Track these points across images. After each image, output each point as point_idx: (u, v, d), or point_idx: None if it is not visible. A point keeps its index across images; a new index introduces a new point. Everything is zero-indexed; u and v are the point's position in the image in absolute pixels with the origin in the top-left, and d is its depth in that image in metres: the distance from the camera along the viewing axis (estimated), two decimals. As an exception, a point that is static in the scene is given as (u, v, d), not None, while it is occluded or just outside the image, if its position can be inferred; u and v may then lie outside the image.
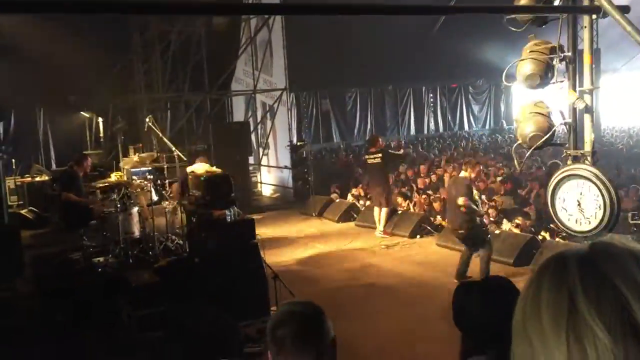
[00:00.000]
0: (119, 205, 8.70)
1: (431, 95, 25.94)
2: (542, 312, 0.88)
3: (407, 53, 19.63)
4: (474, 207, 7.85)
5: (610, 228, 4.03)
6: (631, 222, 4.44)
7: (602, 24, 5.85)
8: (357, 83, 22.65)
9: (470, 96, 26.94)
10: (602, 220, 4.00)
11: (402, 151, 15.73)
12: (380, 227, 11.57)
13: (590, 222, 4.05)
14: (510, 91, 27.09)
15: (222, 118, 16.63)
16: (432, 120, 26.07)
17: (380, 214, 11.60)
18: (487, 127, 27.25)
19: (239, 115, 17.72)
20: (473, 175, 7.96)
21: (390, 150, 12.37)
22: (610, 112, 23.64)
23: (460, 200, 7.76)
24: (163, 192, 9.40)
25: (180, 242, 8.81)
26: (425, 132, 25.73)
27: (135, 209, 8.74)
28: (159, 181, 9.56)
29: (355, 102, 23.78)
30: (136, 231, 8.70)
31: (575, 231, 4.18)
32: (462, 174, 8.14)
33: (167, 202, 8.98)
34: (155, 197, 9.15)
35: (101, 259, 8.42)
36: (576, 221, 4.12)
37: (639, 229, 4.10)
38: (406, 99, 25.30)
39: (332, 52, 17.72)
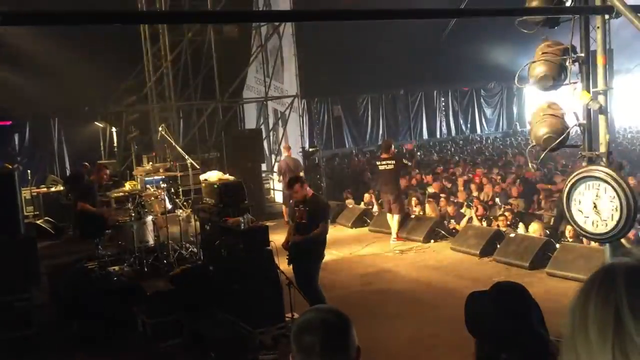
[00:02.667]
0: (133, 215, 8.75)
1: (443, 98, 25.89)
2: (590, 325, 0.90)
3: (418, 57, 19.64)
4: None
5: (628, 230, 3.98)
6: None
7: (615, 24, 5.81)
8: (368, 88, 22.69)
9: (482, 99, 26.87)
10: (619, 222, 3.95)
11: (412, 162, 15.64)
12: (393, 233, 11.53)
13: (607, 225, 4.00)
14: (523, 93, 26.96)
15: (234, 126, 16.69)
16: (444, 124, 26.01)
17: (392, 220, 11.56)
18: (499, 129, 27.14)
19: (250, 122, 17.78)
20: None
21: (403, 160, 12.28)
22: (624, 112, 23.42)
23: None
24: (177, 200, 9.44)
25: (195, 250, 8.84)
26: (438, 135, 25.68)
27: (150, 218, 8.78)
28: (172, 190, 9.61)
29: (366, 107, 23.81)
30: (150, 240, 8.74)
31: (592, 234, 4.12)
32: None
33: (180, 211, 9.02)
34: (169, 206, 9.18)
35: (116, 268, 8.47)
36: (593, 223, 4.07)
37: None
38: (418, 103, 25.28)
39: (342, 58, 17.80)
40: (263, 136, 16.32)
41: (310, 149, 15.52)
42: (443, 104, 25.98)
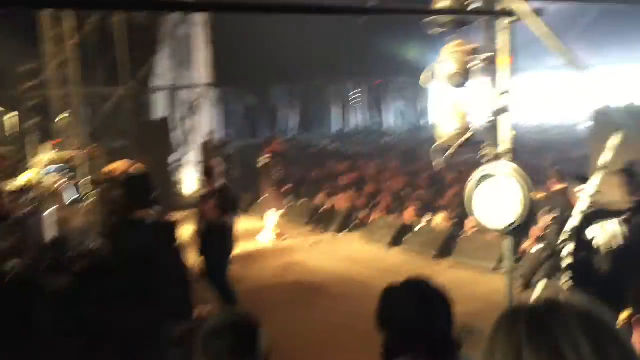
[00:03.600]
0: (32, 206, 8.26)
1: (354, 91, 26.28)
2: None
3: (331, 49, 19.74)
4: None
5: (527, 222, 4.20)
6: (551, 219, 4.65)
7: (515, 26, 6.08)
8: (281, 79, 22.61)
9: (392, 92, 27.51)
10: (521, 215, 4.15)
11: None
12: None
13: (508, 218, 4.20)
14: (423, 86, 27.85)
15: (143, 114, 16.12)
16: (355, 116, 26.42)
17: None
18: (409, 122, 27.93)
19: (160, 112, 17.24)
20: None
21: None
22: (522, 110, 24.75)
23: None
24: (82, 191, 9.00)
25: (100, 243, 8.46)
26: (350, 128, 26.06)
27: (51, 210, 8.32)
28: (76, 181, 9.15)
29: (280, 98, 23.74)
30: (52, 234, 8.29)
31: (495, 226, 4.32)
32: None
33: (86, 202, 8.61)
34: (72, 197, 8.74)
35: (12, 263, 7.95)
36: (497, 217, 4.26)
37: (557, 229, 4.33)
38: (330, 96, 25.51)
39: (256, 47, 17.58)
40: (173, 126, 15.89)
41: (223, 140, 15.30)
42: (355, 96, 26.38)
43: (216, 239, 6.85)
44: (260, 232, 11.32)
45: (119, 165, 8.21)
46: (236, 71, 18.68)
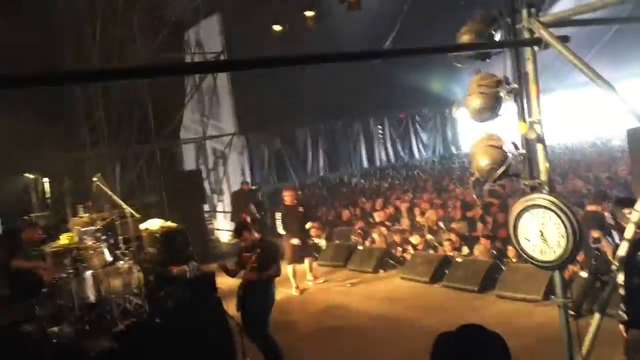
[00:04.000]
0: (71, 270, 8.30)
1: (379, 126, 26.27)
2: None
3: (352, 87, 19.86)
4: None
5: (575, 255, 4.04)
6: (592, 245, 4.48)
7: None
8: (306, 121, 22.75)
9: (417, 125, 27.41)
10: (566, 248, 4.00)
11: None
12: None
13: (555, 252, 4.05)
14: (455, 118, 27.73)
15: (173, 168, 16.36)
16: (382, 151, 26.35)
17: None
18: (436, 153, 27.71)
19: (190, 163, 17.48)
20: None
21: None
22: (551, 129, 24.42)
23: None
24: (117, 251, 9.05)
25: (140, 302, 8.44)
26: (378, 163, 25.96)
27: (89, 272, 8.35)
28: (112, 240, 9.20)
29: (306, 140, 23.84)
30: (91, 296, 8.28)
31: (541, 261, 4.16)
32: None
33: (122, 262, 8.63)
34: (109, 258, 8.77)
35: (55, 328, 7.97)
36: (541, 252, 4.11)
37: (601, 254, 4.14)
38: (356, 133, 25.53)
39: (278, 92, 17.77)
40: (203, 176, 16.07)
41: (253, 187, 15.36)
42: (380, 131, 26.36)
43: (257, 292, 6.80)
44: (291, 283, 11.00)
45: (154, 223, 8.25)
46: (261, 117, 18.87)
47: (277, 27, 15.45)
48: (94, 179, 9.50)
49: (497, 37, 4.45)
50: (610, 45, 20.41)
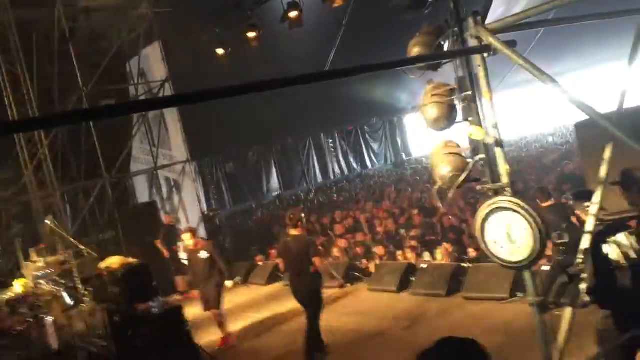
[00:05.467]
0: (30, 319, 7.98)
1: (330, 140, 26.44)
2: None
3: (301, 102, 19.91)
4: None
5: (542, 253, 4.13)
6: (556, 242, 4.59)
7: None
8: (257, 140, 22.67)
9: (367, 135, 27.72)
10: (534, 247, 4.08)
11: None
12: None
13: (523, 252, 4.12)
14: (403, 124, 28.22)
15: (126, 201, 15.98)
16: (335, 164, 26.50)
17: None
18: (388, 161, 28.05)
19: (143, 195, 17.11)
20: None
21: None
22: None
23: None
24: (77, 294, 8.75)
25: (106, 344, 8.17)
26: (332, 177, 26.07)
27: (50, 319, 8.05)
28: (70, 283, 8.90)
29: (258, 160, 23.75)
30: (54, 344, 7.99)
31: (511, 262, 4.23)
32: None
33: (83, 305, 8.35)
34: (70, 301, 8.48)
35: (19, 381, 7.64)
36: (510, 253, 4.18)
37: (566, 250, 4.25)
38: (307, 148, 25.61)
39: (227, 115, 17.65)
40: (159, 207, 15.75)
41: (210, 213, 15.16)
42: (332, 145, 26.53)
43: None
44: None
45: (114, 261, 8.01)
46: (211, 141, 18.72)
47: (220, 51, 15.39)
48: (46, 220, 9.20)
49: (446, 46, 4.54)
50: (539, 45, 21.23)
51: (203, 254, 9.14)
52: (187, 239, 9.41)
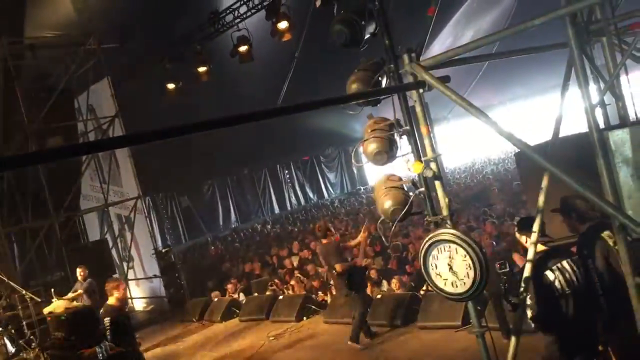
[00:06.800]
0: (-31, 369, 7.62)
1: (286, 171, 26.48)
2: None
3: (255, 134, 19.91)
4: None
5: (484, 284, 4.17)
6: (499, 271, 4.65)
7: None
8: (212, 173, 22.52)
9: (323, 165, 27.87)
10: (474, 279, 4.12)
11: None
12: None
13: (465, 283, 4.16)
14: (359, 155, 28.44)
15: (76, 240, 15.54)
16: (292, 195, 26.50)
17: None
18: (345, 190, 28.20)
19: (94, 233, 16.69)
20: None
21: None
22: (450, 156, 25.71)
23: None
24: (20, 340, 8.41)
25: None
26: (289, 207, 26.03)
27: (-9, 369, 7.71)
28: (13, 330, 8.56)
29: (214, 193, 23.56)
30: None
31: (453, 294, 4.26)
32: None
33: (26, 352, 8.03)
34: (11, 349, 8.14)
35: None
36: (452, 284, 4.21)
37: (508, 278, 4.30)
38: (264, 179, 25.56)
39: (179, 148, 17.53)
40: (110, 245, 15.38)
41: (163, 249, 14.87)
42: (288, 175, 26.55)
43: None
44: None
45: (58, 304, 7.74)
46: (164, 176, 18.49)
47: (170, 85, 15.32)
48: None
49: (384, 82, 4.61)
50: (487, 73, 21.88)
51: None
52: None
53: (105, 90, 14.92)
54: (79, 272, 11.09)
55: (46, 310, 7.97)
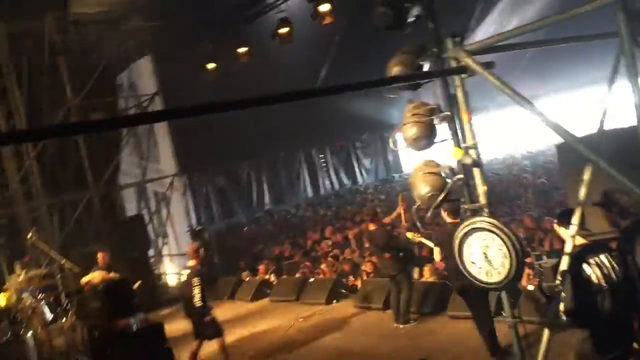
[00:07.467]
0: (9, 333, 7.89)
1: (321, 155, 26.43)
2: None
3: (293, 118, 19.89)
4: None
5: (520, 274, 4.11)
6: (535, 263, 4.59)
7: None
8: (248, 155, 22.61)
9: (358, 151, 27.72)
10: (510, 268, 4.07)
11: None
12: None
13: (500, 272, 4.11)
14: (396, 140, 28.23)
15: (113, 214, 15.88)
16: (326, 180, 26.46)
17: None
18: (379, 177, 28.03)
19: (131, 208, 17.01)
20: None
21: None
22: (490, 146, 25.24)
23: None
24: (58, 308, 8.66)
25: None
26: (322, 192, 26.01)
27: (30, 334, 7.95)
28: (52, 297, 8.81)
29: (248, 174, 23.67)
30: (35, 357, 7.89)
31: (487, 283, 4.22)
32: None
33: (64, 320, 8.27)
34: (50, 316, 8.39)
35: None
36: (487, 273, 4.17)
37: (546, 273, 4.23)
38: (299, 163, 25.56)
39: (217, 128, 17.66)
40: (146, 221, 15.67)
41: (198, 228, 15.08)
42: (322, 160, 26.51)
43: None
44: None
45: (96, 275, 7.94)
46: (201, 155, 18.63)
47: (211, 65, 15.41)
48: (28, 235, 9.12)
49: (426, 66, 4.55)
50: (533, 63, 21.34)
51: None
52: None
53: (147, 68, 15.11)
54: (100, 256, 9.26)
55: (84, 280, 8.18)
